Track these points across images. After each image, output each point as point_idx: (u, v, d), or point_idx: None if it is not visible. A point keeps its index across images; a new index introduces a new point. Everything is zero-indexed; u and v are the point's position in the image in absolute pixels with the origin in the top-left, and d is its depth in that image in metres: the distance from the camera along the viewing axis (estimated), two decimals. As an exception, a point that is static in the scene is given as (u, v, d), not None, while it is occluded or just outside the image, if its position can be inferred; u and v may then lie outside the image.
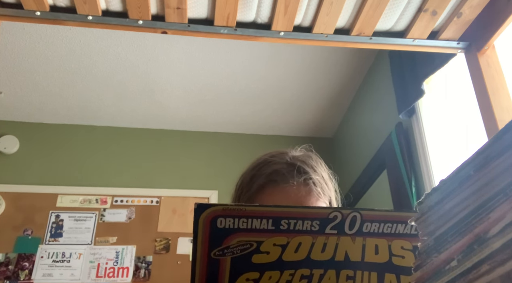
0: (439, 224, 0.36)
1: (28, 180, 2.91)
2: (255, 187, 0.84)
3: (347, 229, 0.49)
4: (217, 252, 0.48)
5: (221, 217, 0.47)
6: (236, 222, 0.48)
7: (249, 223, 0.48)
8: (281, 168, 0.83)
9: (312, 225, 0.48)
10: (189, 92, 2.93)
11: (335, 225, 0.49)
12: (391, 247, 0.51)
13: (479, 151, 0.33)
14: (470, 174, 0.34)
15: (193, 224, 0.47)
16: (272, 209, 0.49)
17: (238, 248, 0.48)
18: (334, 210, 0.49)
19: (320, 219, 0.48)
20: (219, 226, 0.47)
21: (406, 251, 0.51)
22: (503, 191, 0.31)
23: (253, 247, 0.48)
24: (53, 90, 2.86)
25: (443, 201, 0.36)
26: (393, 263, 0.51)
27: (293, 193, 0.81)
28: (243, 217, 0.47)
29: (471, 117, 1.77)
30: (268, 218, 0.48)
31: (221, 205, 0.47)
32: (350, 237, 0.49)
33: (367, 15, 1.49)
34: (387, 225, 0.50)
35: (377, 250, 0.50)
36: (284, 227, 0.48)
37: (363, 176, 2.69)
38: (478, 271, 0.30)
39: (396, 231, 0.50)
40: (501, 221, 0.30)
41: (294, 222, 0.48)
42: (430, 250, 0.36)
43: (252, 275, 0.49)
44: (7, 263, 2.65)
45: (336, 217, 0.49)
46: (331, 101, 3.08)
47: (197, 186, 3.05)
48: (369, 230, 0.50)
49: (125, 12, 1.46)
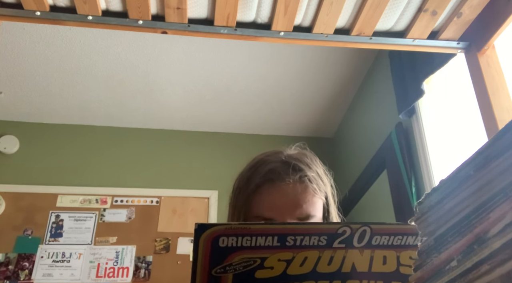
0: (439, 224, 0.36)
1: (28, 180, 2.91)
2: (252, 187, 0.85)
3: (355, 242, 0.48)
4: (218, 269, 0.46)
5: (224, 236, 0.46)
6: (240, 240, 0.46)
7: (253, 241, 0.46)
8: (277, 166, 0.85)
9: (319, 240, 0.47)
10: (189, 92, 2.93)
11: (343, 240, 0.47)
12: (399, 258, 0.50)
13: (479, 151, 0.33)
14: (470, 174, 0.34)
15: (193, 243, 0.46)
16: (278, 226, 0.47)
17: (241, 265, 0.47)
18: (343, 225, 0.47)
19: (328, 234, 0.47)
20: (221, 245, 0.46)
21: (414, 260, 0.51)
22: (503, 191, 0.31)
23: (256, 263, 0.47)
24: (53, 90, 2.86)
25: (443, 201, 0.36)
26: (400, 272, 0.50)
27: (289, 190, 0.82)
28: (247, 235, 0.46)
29: (471, 117, 1.77)
30: (273, 235, 0.46)
31: (223, 225, 0.45)
32: (358, 250, 0.48)
33: (367, 15, 1.49)
34: (397, 237, 0.49)
35: (385, 261, 0.49)
36: (290, 243, 0.47)
37: (363, 176, 2.69)
38: (478, 271, 0.30)
39: (406, 242, 0.49)
40: (501, 221, 0.30)
41: (300, 238, 0.47)
42: (430, 250, 0.36)
43: None
44: (7, 263, 2.65)
45: (345, 232, 0.47)
46: (331, 101, 3.08)
47: (197, 186, 3.06)
48: (379, 243, 0.48)
49: (125, 12, 1.46)
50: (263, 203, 0.83)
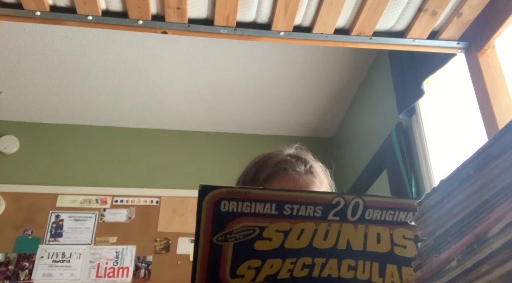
0: (439, 224, 0.36)
1: (28, 180, 2.91)
2: (263, 177, 0.88)
3: (349, 215, 0.49)
4: (220, 237, 0.47)
5: (225, 200, 0.47)
6: (240, 205, 0.47)
7: (252, 207, 0.47)
8: (286, 159, 0.90)
9: (315, 210, 0.48)
10: (189, 92, 2.93)
11: (337, 211, 0.48)
12: (393, 236, 0.50)
13: (479, 151, 0.33)
14: (470, 174, 0.34)
15: (197, 206, 0.47)
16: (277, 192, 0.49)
17: (241, 234, 0.48)
18: (337, 195, 0.48)
19: (323, 204, 0.48)
20: (223, 209, 0.47)
21: (407, 240, 0.51)
22: (503, 191, 0.31)
23: (256, 232, 0.48)
24: (53, 90, 2.86)
25: (443, 201, 0.36)
26: (395, 253, 0.51)
27: (300, 180, 0.86)
28: (247, 200, 0.47)
29: (471, 117, 1.77)
30: (271, 202, 0.47)
31: (225, 187, 0.47)
32: (352, 224, 0.49)
33: (367, 15, 1.49)
34: (389, 212, 0.50)
35: (379, 239, 0.50)
36: (287, 212, 0.48)
37: (363, 176, 2.69)
38: (478, 271, 0.30)
39: (398, 218, 0.50)
40: (501, 221, 0.30)
41: (297, 207, 0.48)
42: (430, 250, 0.36)
43: (254, 263, 0.49)
44: (7, 263, 2.65)
45: (339, 203, 0.48)
46: (331, 101, 3.08)
47: (197, 186, 3.01)
48: (371, 217, 0.49)
49: (125, 12, 1.46)
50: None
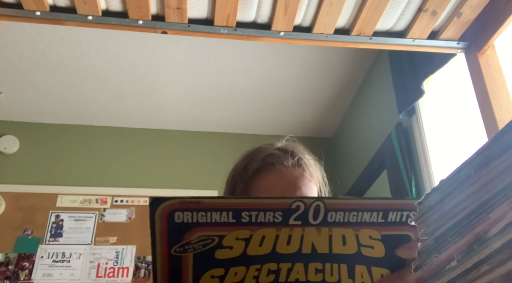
0: (439, 224, 0.36)
1: (28, 180, 2.91)
2: (250, 172, 0.85)
3: (311, 219, 0.47)
4: (178, 248, 0.46)
5: (178, 211, 0.45)
6: (195, 216, 0.45)
7: (208, 217, 0.45)
8: (274, 152, 0.87)
9: (274, 216, 0.46)
10: (189, 92, 2.93)
11: (298, 216, 0.46)
12: (358, 237, 0.49)
13: (479, 151, 0.33)
14: (470, 174, 0.34)
15: (149, 219, 0.45)
16: (231, 200, 0.46)
17: (200, 244, 0.46)
18: (296, 199, 0.46)
19: (282, 209, 0.46)
20: (177, 220, 0.45)
21: (374, 240, 0.49)
22: (503, 191, 0.31)
23: (215, 241, 0.46)
24: (53, 90, 2.86)
25: (443, 201, 0.36)
26: (363, 254, 0.49)
27: (288, 173, 0.83)
28: (201, 210, 0.45)
29: (471, 117, 1.77)
30: (228, 210, 0.45)
31: (177, 198, 0.44)
32: (315, 227, 0.47)
33: (367, 15, 1.49)
34: (352, 213, 0.47)
35: (344, 241, 0.48)
36: (246, 220, 0.46)
37: (363, 176, 2.69)
38: (478, 271, 0.30)
39: (362, 219, 0.48)
40: (501, 221, 0.30)
41: (255, 214, 0.46)
42: (430, 250, 0.36)
43: (217, 271, 0.47)
44: (7, 263, 2.65)
45: (299, 207, 0.46)
46: (331, 101, 3.08)
47: (197, 186, 3.05)
48: (334, 219, 0.47)
49: (125, 12, 1.46)
50: (262, 186, 0.83)
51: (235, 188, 0.88)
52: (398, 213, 0.48)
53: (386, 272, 0.51)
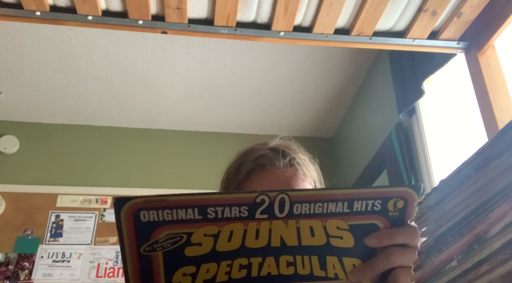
0: (439, 224, 0.36)
1: (28, 180, 2.91)
2: (242, 174, 0.85)
3: (277, 212, 0.47)
4: (146, 247, 0.46)
5: (144, 210, 0.45)
6: (160, 214, 0.45)
7: (174, 214, 0.45)
8: (266, 153, 0.86)
9: (240, 211, 0.46)
10: (189, 92, 2.93)
11: (264, 209, 0.47)
12: (326, 228, 0.49)
13: (479, 151, 0.33)
14: (470, 174, 0.34)
15: (115, 219, 0.45)
16: (196, 197, 0.46)
17: (168, 242, 0.46)
18: (260, 193, 0.46)
19: (247, 204, 0.46)
20: (143, 219, 0.45)
21: (343, 231, 0.49)
22: (503, 191, 0.31)
23: (183, 239, 0.46)
24: (53, 90, 2.86)
25: (443, 201, 0.36)
26: (332, 245, 0.49)
27: (280, 174, 0.82)
28: (167, 208, 0.45)
29: (471, 117, 1.77)
30: (193, 207, 0.45)
31: (141, 197, 0.45)
32: (282, 220, 0.47)
33: (367, 15, 1.49)
34: (318, 204, 0.48)
35: (312, 232, 0.49)
36: (212, 216, 0.46)
37: (363, 176, 2.69)
38: (478, 271, 0.30)
39: (328, 210, 0.48)
40: (501, 221, 0.30)
41: (221, 210, 0.46)
42: (430, 250, 0.36)
43: (189, 269, 0.48)
44: (7, 263, 2.65)
45: (263, 201, 0.46)
46: (331, 101, 3.08)
47: (197, 186, 3.05)
48: (300, 211, 0.48)
49: (125, 12, 1.46)
50: (254, 188, 0.82)
51: (228, 189, 0.87)
52: (363, 202, 0.48)
53: (358, 262, 0.51)
